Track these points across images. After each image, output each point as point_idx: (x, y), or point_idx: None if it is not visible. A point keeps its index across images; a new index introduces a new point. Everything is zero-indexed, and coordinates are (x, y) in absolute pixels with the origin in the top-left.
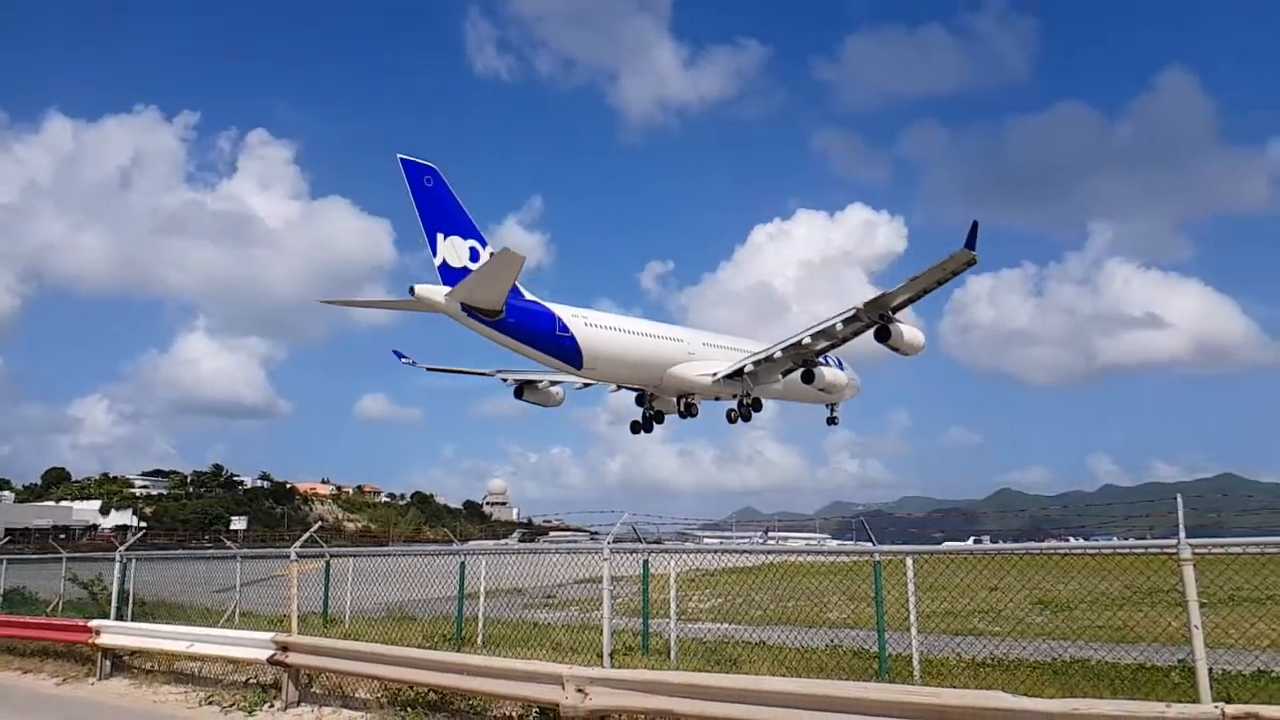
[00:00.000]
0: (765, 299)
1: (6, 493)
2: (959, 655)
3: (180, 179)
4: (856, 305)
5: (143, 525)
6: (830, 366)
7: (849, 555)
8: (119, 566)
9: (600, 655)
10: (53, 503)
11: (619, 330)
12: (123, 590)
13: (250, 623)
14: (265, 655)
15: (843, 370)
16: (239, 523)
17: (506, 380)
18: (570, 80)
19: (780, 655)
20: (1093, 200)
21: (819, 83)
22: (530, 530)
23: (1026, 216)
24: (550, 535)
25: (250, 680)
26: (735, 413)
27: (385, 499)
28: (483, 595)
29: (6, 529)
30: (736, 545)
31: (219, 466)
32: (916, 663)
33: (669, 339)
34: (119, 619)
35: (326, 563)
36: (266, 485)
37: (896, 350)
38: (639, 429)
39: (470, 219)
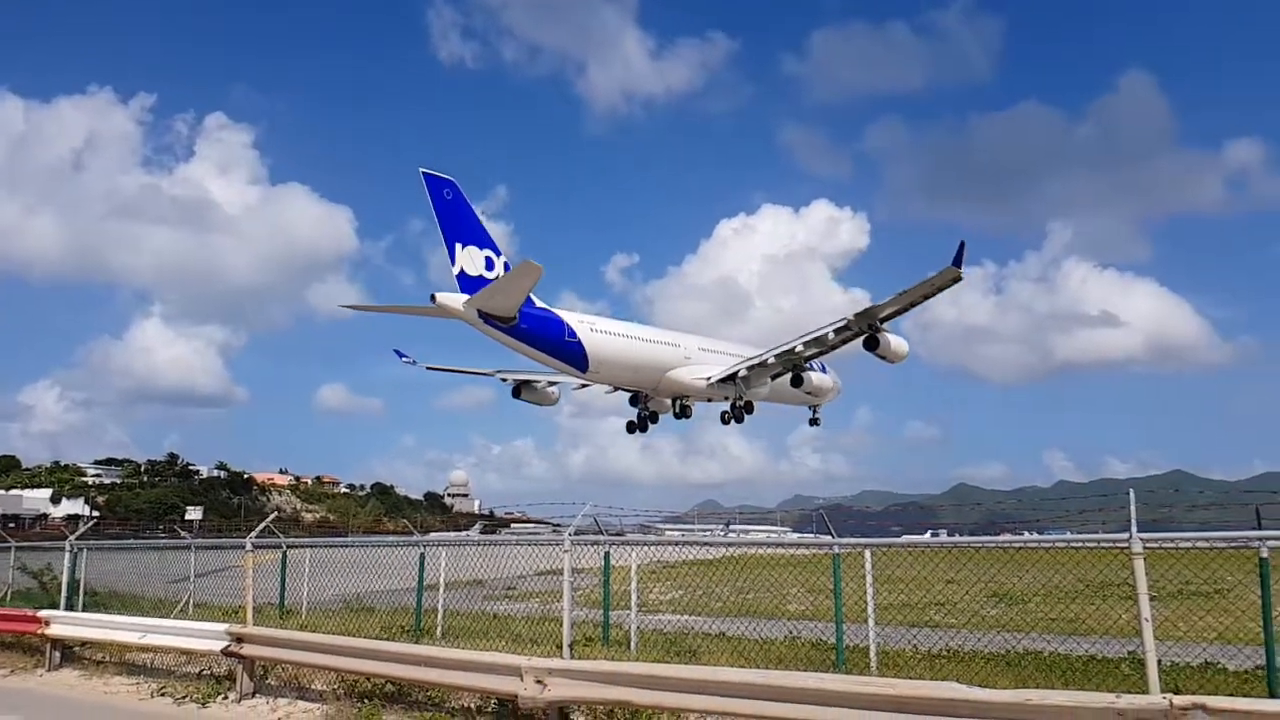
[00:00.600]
0: (730, 293)
1: None
2: (915, 647)
3: (136, 162)
4: (848, 316)
5: (95, 514)
6: (816, 371)
7: (809, 548)
8: (69, 556)
9: (560, 647)
10: (2, 491)
11: (622, 336)
12: (73, 580)
13: (205, 614)
14: (219, 646)
15: (826, 374)
16: (194, 513)
17: (506, 380)
18: (536, 69)
19: (740, 646)
20: (1052, 199)
21: (785, 77)
22: (492, 522)
23: (988, 215)
24: (512, 527)
25: (204, 672)
26: (728, 414)
27: (344, 490)
28: (442, 587)
29: None
30: (698, 538)
31: (174, 455)
32: (874, 654)
33: (667, 344)
34: (69, 609)
35: (283, 553)
36: (223, 475)
37: (883, 358)
38: (634, 429)
39: (485, 229)
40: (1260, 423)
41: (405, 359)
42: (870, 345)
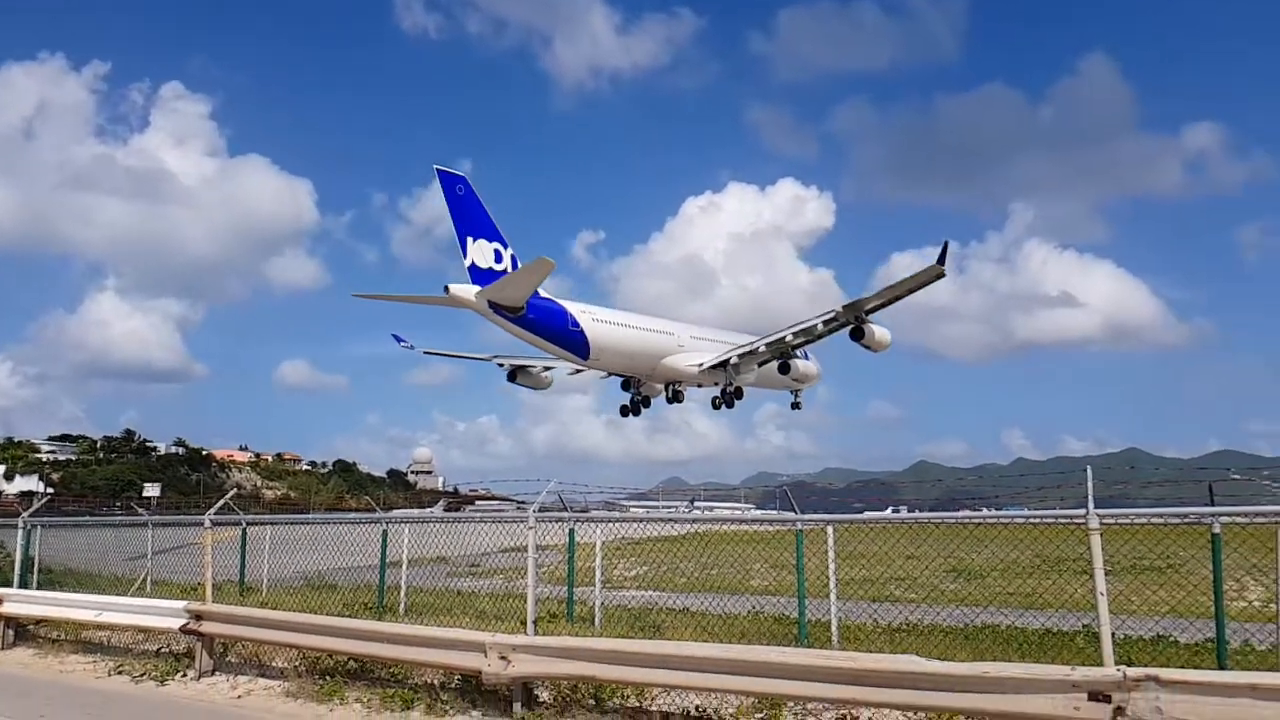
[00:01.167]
0: (696, 272)
1: None
2: (876, 621)
3: (89, 132)
4: (836, 308)
5: (49, 491)
6: (802, 359)
7: (772, 524)
8: (22, 533)
9: (524, 623)
10: None
11: (621, 325)
12: (27, 557)
13: (163, 591)
14: (178, 624)
15: (810, 361)
16: (152, 490)
17: (503, 365)
18: (501, 42)
19: (704, 621)
20: (1015, 181)
21: (752, 55)
22: (456, 499)
23: (951, 195)
24: (476, 504)
25: (162, 650)
26: (719, 400)
27: (306, 467)
28: (405, 563)
29: None
30: (663, 514)
31: (131, 432)
32: (835, 628)
33: (662, 332)
34: (23, 587)
35: (243, 530)
36: (181, 452)
37: (868, 348)
38: (628, 412)
39: (494, 223)
40: (1214, 402)
41: (403, 343)
42: (856, 335)
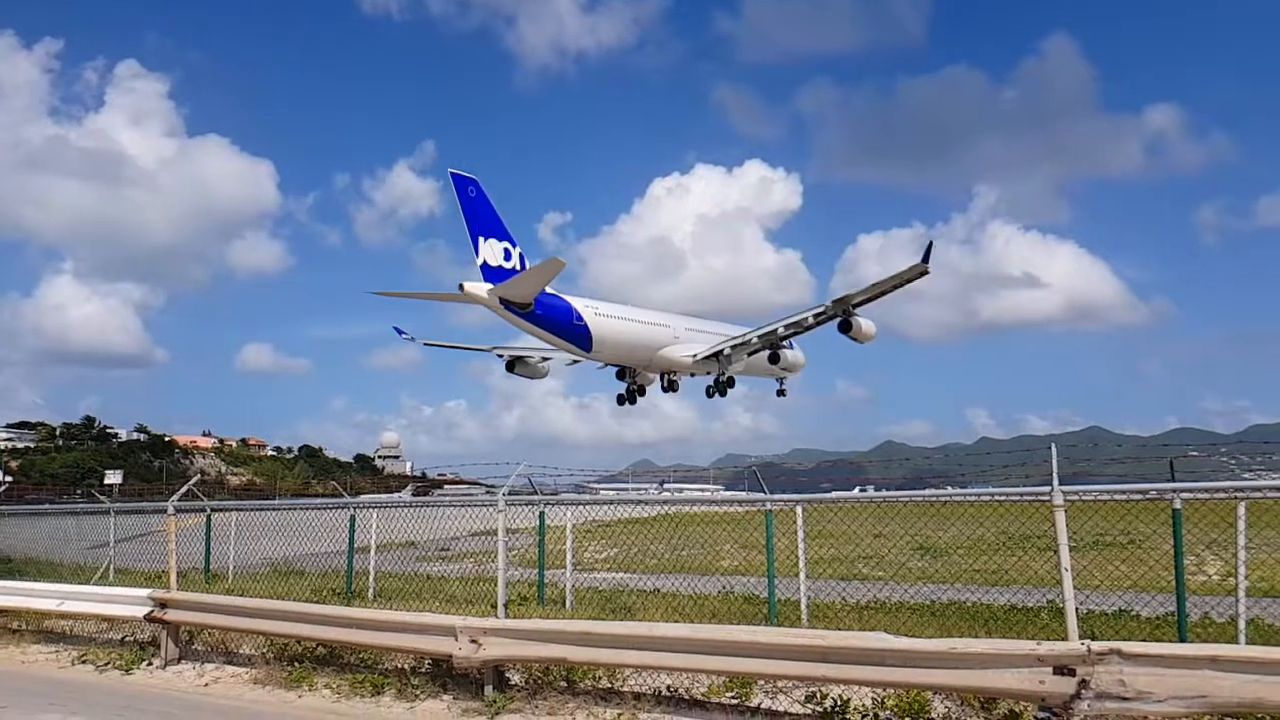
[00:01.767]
0: (664, 253)
1: None
2: (844, 599)
3: (42, 112)
4: (826, 304)
5: (8, 479)
6: (789, 349)
7: (742, 505)
8: None
9: (495, 606)
10: None
11: (621, 318)
12: None
13: (126, 579)
14: (142, 612)
15: (796, 351)
16: (114, 477)
17: (502, 356)
18: (464, 22)
19: (674, 602)
20: (979, 162)
21: (718, 35)
22: (424, 484)
23: (917, 177)
24: (445, 489)
25: (127, 638)
26: (713, 388)
27: (271, 453)
28: (373, 548)
29: None
30: (633, 496)
31: (91, 418)
32: (804, 607)
33: (659, 325)
34: None
35: (208, 517)
36: (143, 438)
37: (855, 340)
38: (624, 401)
39: (503, 223)
40: (1173, 380)
41: (404, 335)
42: (844, 328)
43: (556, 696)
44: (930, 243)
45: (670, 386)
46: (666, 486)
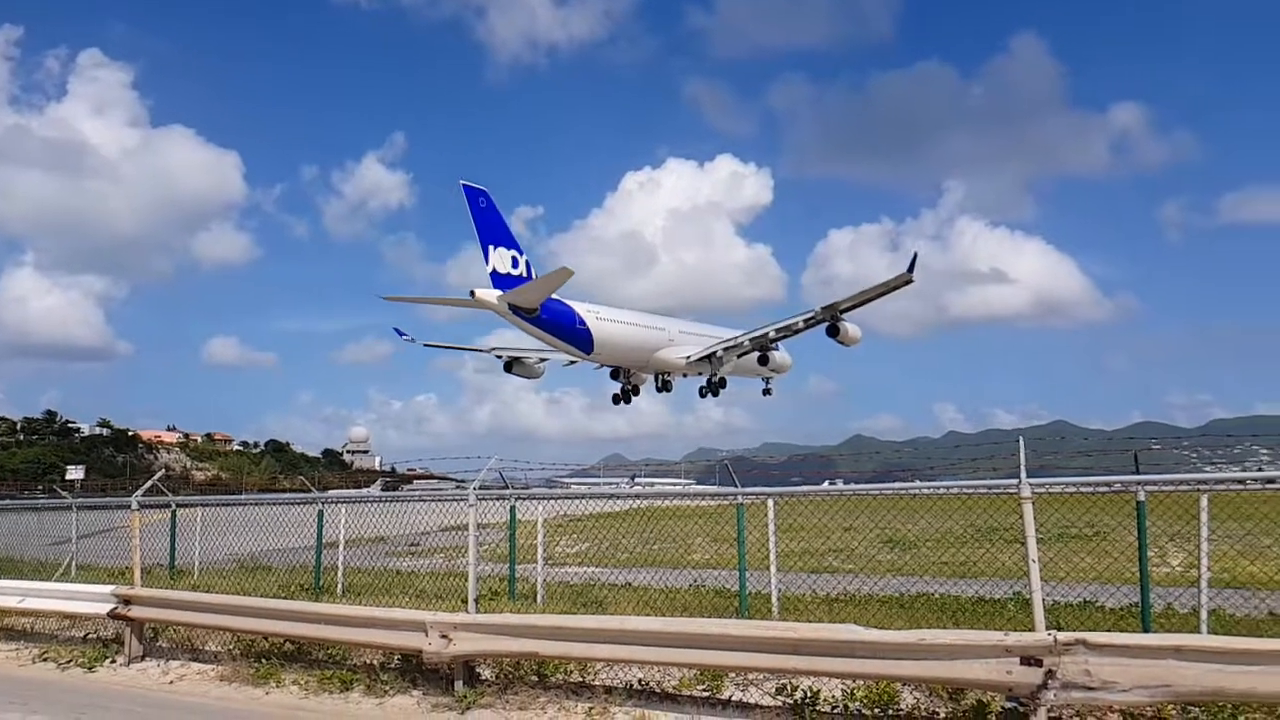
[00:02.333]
0: (635, 248)
1: None
2: (815, 592)
3: (2, 100)
4: (815, 309)
5: None
6: (777, 351)
7: (713, 498)
8: None
9: (465, 601)
10: None
11: (620, 322)
12: None
13: (89, 576)
14: (106, 609)
15: (783, 353)
16: (76, 472)
17: (500, 356)
18: (435, 12)
19: (645, 596)
20: (948, 158)
21: (690, 30)
22: (394, 479)
23: (887, 172)
24: (415, 483)
25: (89, 636)
26: (705, 389)
27: (237, 447)
28: (342, 544)
29: None
30: (604, 490)
31: (52, 413)
32: (775, 599)
33: (655, 328)
34: None
35: (173, 512)
36: (106, 433)
37: (841, 343)
38: (619, 400)
39: (511, 233)
40: (1136, 375)
41: (405, 336)
42: (832, 333)
43: (528, 691)
44: (915, 253)
45: (664, 387)
46: (638, 481)
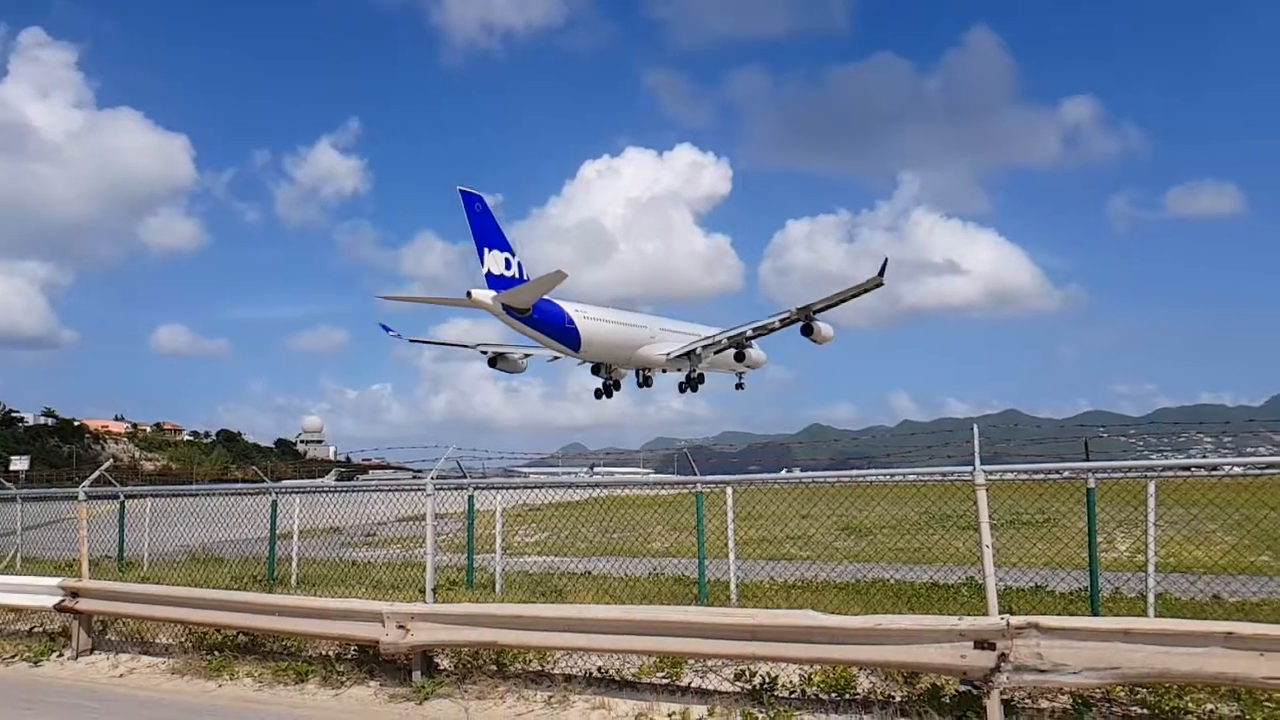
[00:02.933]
0: (594, 236)
1: None
2: (773, 579)
3: None
4: (790, 310)
5: None
6: (753, 348)
7: (673, 487)
8: None
9: (423, 591)
10: None
11: (605, 321)
12: None
13: (35, 568)
14: (52, 602)
15: (755, 349)
16: (19, 463)
17: (485, 352)
18: None
19: (605, 585)
20: (903, 151)
21: (647, 19)
22: (349, 468)
23: (844, 164)
24: (370, 473)
25: (35, 629)
26: (685, 384)
27: (188, 437)
28: (296, 534)
29: None
30: (563, 479)
31: None
32: (734, 587)
33: (637, 326)
34: None
35: (121, 503)
36: (51, 422)
37: (815, 342)
38: (601, 395)
39: (504, 235)
40: (1085, 365)
41: (391, 333)
42: (806, 332)
43: (486, 680)
44: (885, 259)
45: (645, 382)
46: (597, 470)
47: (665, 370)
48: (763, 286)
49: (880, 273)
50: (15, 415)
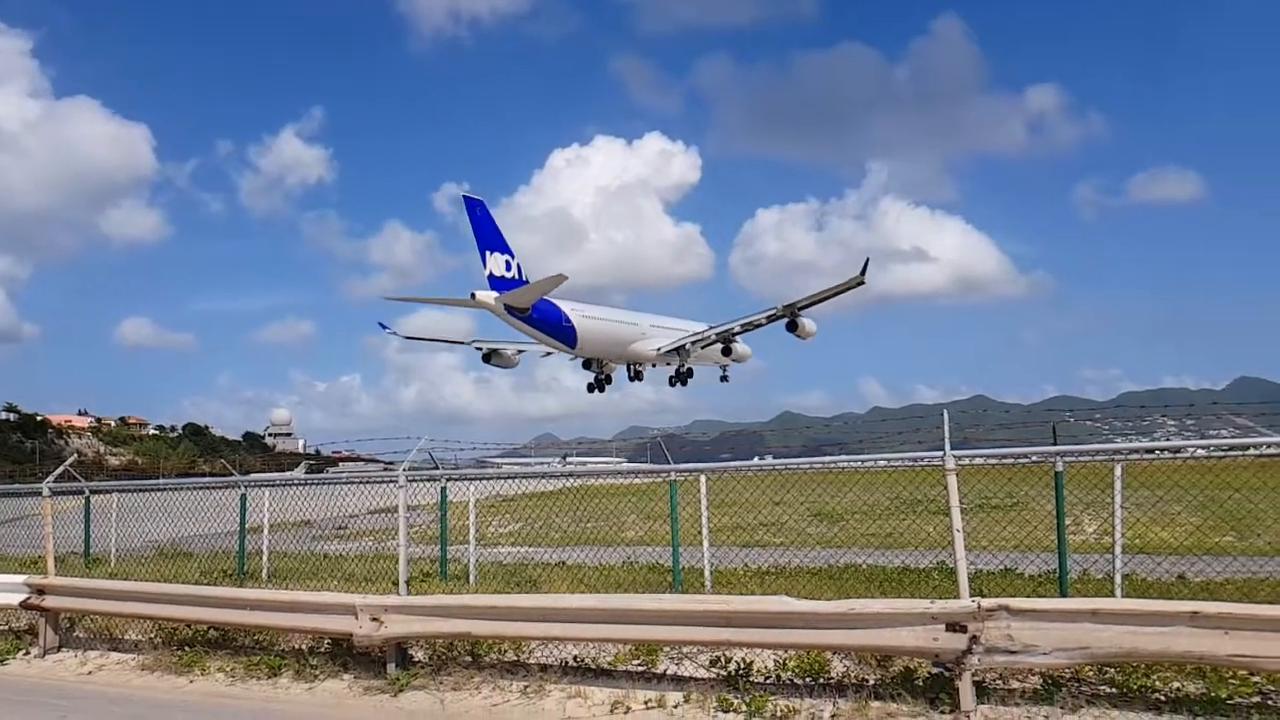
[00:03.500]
0: (563, 225)
1: None
2: (747, 565)
3: None
4: (777, 307)
5: None
6: (738, 343)
7: (646, 476)
8: None
9: (396, 584)
10: None
11: (600, 319)
12: None
13: None
14: (18, 599)
15: (741, 344)
16: None
17: (480, 348)
18: None
19: (579, 574)
20: (871, 139)
21: (615, 5)
22: (319, 461)
23: (812, 153)
24: (341, 466)
25: (1, 628)
26: (675, 378)
27: (154, 431)
28: (266, 528)
29: None
30: (536, 470)
31: None
32: (708, 574)
33: (629, 323)
34: None
35: (86, 499)
36: (12, 418)
37: (799, 337)
38: (593, 389)
39: (504, 238)
40: (1051, 350)
41: (387, 330)
42: (791, 328)
43: (461, 671)
44: (867, 259)
45: (636, 376)
46: (570, 460)
47: (655, 365)
48: (733, 275)
49: (862, 272)
50: None
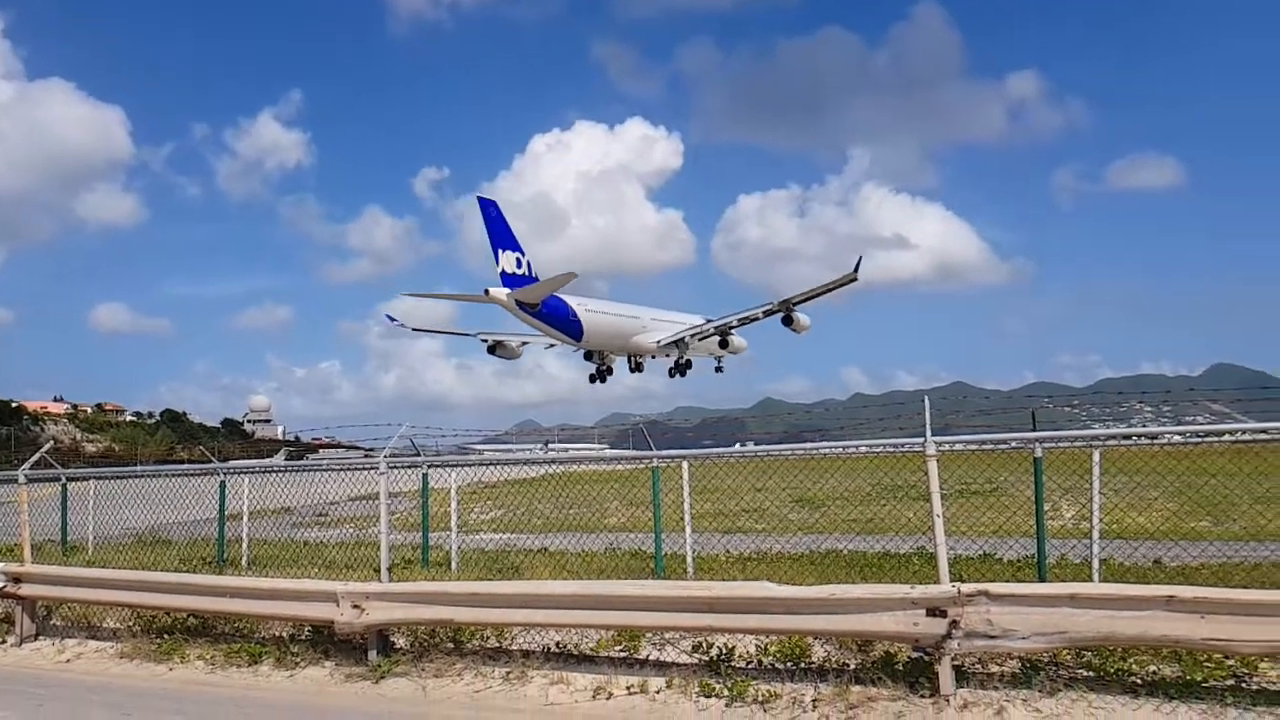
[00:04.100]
0: (545, 211)
1: None
2: (729, 551)
3: None
4: (773, 302)
5: None
6: (735, 336)
7: (629, 462)
8: None
9: (378, 571)
10: None
11: (604, 313)
12: None
13: None
14: None
15: (737, 336)
16: None
17: (485, 340)
18: None
19: (562, 560)
20: (853, 125)
21: None
22: (299, 448)
23: (793, 139)
24: (321, 453)
25: None
26: (674, 369)
27: (131, 418)
28: (246, 515)
29: None
30: (518, 456)
31: None
32: (690, 560)
33: (631, 317)
34: None
35: (63, 486)
36: None
37: (794, 331)
38: (595, 380)
39: (515, 237)
40: (1030, 337)
41: (395, 322)
42: (786, 322)
43: (444, 658)
44: (860, 256)
45: (637, 368)
46: (551, 446)
47: (655, 356)
48: (715, 261)
49: (855, 269)
50: None
